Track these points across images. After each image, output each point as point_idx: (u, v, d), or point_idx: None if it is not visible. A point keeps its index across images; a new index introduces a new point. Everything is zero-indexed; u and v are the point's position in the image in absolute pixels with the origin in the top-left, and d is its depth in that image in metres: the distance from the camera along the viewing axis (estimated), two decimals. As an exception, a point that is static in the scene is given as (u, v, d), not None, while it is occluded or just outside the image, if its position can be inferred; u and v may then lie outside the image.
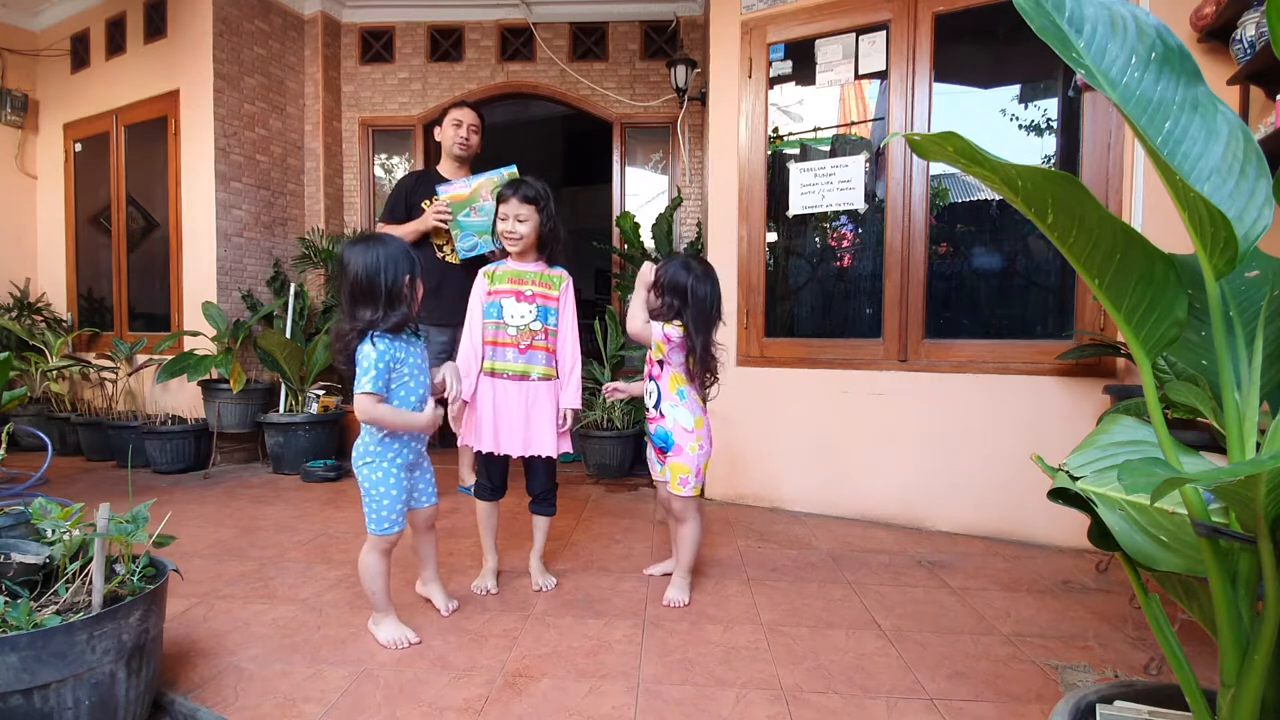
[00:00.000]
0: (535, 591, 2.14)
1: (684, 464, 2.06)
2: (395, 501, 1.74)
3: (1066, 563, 2.46)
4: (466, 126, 3.16)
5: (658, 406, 2.10)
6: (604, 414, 3.87)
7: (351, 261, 1.70)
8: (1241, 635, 0.82)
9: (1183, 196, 0.75)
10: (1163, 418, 0.87)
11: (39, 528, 1.44)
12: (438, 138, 3.24)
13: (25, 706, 1.14)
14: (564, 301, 2.14)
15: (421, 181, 3.18)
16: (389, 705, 1.47)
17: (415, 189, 3.15)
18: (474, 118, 3.20)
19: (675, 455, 2.08)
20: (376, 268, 1.69)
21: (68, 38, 4.88)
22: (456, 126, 3.15)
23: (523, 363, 2.07)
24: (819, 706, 1.49)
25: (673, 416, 2.08)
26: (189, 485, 3.59)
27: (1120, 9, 0.85)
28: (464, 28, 4.83)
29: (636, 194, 4.89)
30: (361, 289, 1.69)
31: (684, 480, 2.06)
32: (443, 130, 3.19)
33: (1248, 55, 2.08)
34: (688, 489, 2.06)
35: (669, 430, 2.08)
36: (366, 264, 1.69)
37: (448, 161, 3.22)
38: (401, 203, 3.12)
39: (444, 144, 3.20)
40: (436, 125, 3.25)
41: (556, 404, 2.11)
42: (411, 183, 3.19)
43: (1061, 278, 2.86)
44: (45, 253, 5.12)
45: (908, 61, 2.92)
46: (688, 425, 2.06)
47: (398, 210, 3.11)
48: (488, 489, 2.16)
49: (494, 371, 2.07)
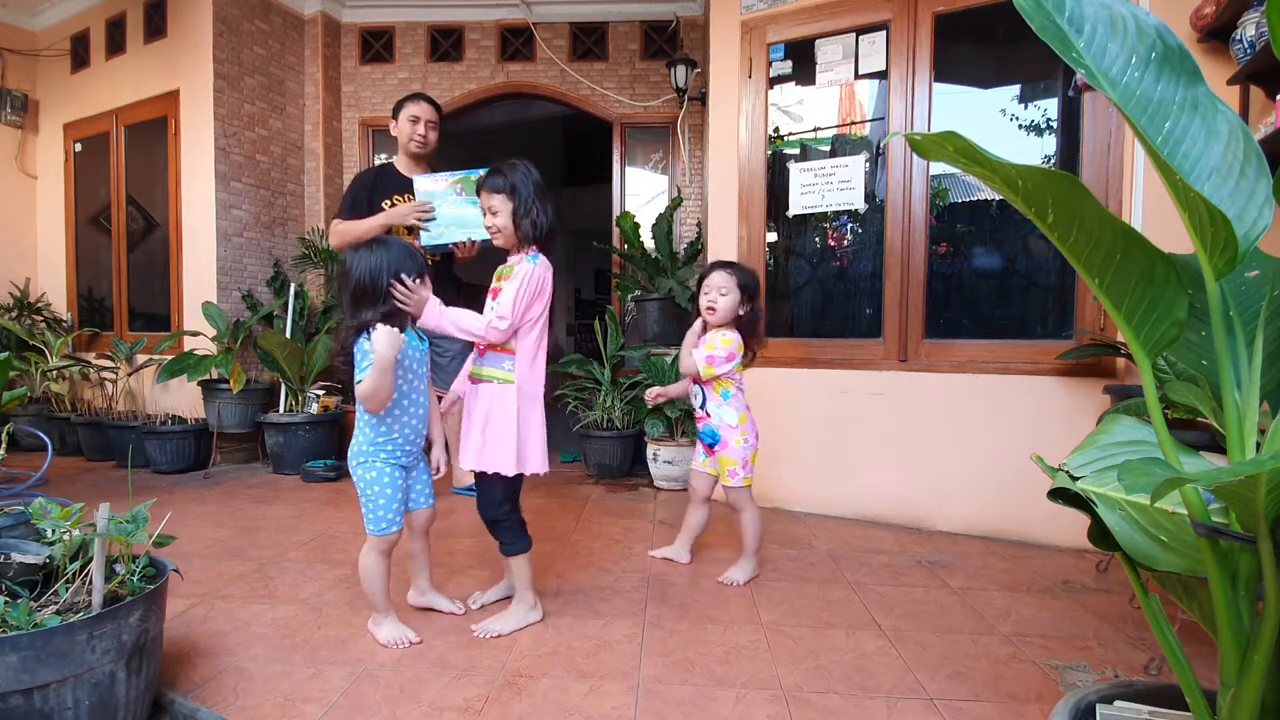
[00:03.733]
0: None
1: (731, 457, 2.24)
2: (391, 500, 1.74)
3: (1066, 563, 2.46)
4: (424, 123, 3.04)
5: (703, 406, 2.28)
6: (604, 414, 3.87)
7: (356, 264, 1.70)
8: (1241, 635, 0.82)
9: (1183, 196, 0.75)
10: (1163, 418, 0.87)
11: (39, 528, 1.44)
12: (393, 132, 3.10)
13: (25, 706, 1.14)
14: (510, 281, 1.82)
15: (382, 178, 3.07)
16: (389, 705, 1.47)
17: (376, 186, 3.04)
18: (432, 113, 3.06)
19: (722, 449, 2.25)
20: (379, 269, 1.69)
21: (68, 38, 4.88)
22: (413, 122, 3.02)
23: (480, 365, 1.87)
24: (819, 706, 1.49)
25: (718, 415, 2.25)
26: (189, 485, 3.59)
27: (1120, 9, 0.85)
28: (464, 28, 4.84)
29: (636, 194, 4.89)
30: (365, 290, 1.69)
31: (732, 472, 2.24)
32: (398, 125, 3.05)
33: (1248, 55, 2.08)
34: (736, 480, 2.23)
35: (715, 427, 2.26)
36: (371, 266, 1.69)
37: (404, 158, 3.10)
38: (364, 198, 3.00)
39: (400, 140, 3.06)
40: (392, 120, 3.11)
41: (517, 414, 1.81)
42: (372, 179, 3.08)
43: (1061, 278, 2.86)
44: (45, 253, 5.12)
45: (908, 61, 2.92)
46: (732, 421, 2.24)
47: (360, 206, 2.99)
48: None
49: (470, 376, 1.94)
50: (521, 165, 1.87)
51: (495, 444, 1.80)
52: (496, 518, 1.85)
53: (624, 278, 4.31)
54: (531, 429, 1.84)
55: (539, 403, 1.88)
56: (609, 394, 3.89)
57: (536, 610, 1.91)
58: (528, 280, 1.78)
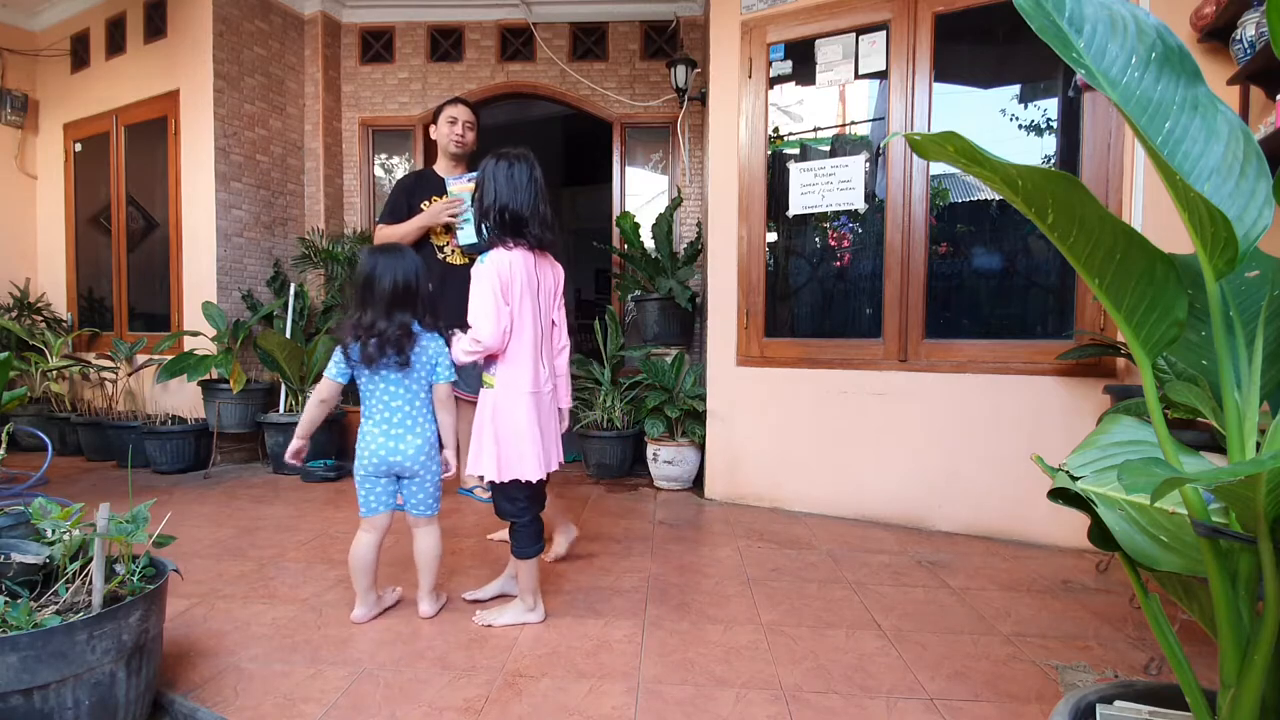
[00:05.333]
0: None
1: None
2: (365, 484, 1.86)
3: (1066, 563, 2.46)
4: (462, 124, 3.13)
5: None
6: (604, 414, 3.87)
7: (387, 269, 1.81)
8: (1241, 635, 0.82)
9: (1183, 196, 0.75)
10: (1163, 418, 0.87)
11: (39, 528, 1.44)
12: (432, 136, 3.20)
13: (25, 706, 1.14)
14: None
15: (420, 182, 3.16)
16: (389, 705, 1.47)
17: (416, 189, 3.13)
18: (469, 114, 3.16)
19: None
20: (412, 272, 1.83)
21: (68, 38, 4.88)
22: (451, 124, 3.12)
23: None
24: (819, 706, 1.49)
25: None
26: (189, 485, 3.59)
27: (1120, 9, 0.85)
28: (464, 28, 4.83)
29: (636, 194, 4.89)
30: (405, 292, 1.81)
31: None
32: (437, 128, 3.16)
33: (1248, 55, 2.08)
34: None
35: None
36: (406, 270, 1.82)
37: (444, 160, 3.19)
38: (403, 202, 3.10)
39: (439, 142, 3.16)
40: (431, 124, 3.22)
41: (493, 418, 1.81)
42: (411, 183, 3.17)
43: (1061, 278, 2.86)
44: (45, 253, 5.12)
45: (908, 61, 2.92)
46: None
47: (399, 210, 3.08)
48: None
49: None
50: (494, 159, 1.83)
51: (475, 451, 1.83)
52: (515, 520, 1.85)
53: (624, 278, 4.31)
54: (517, 431, 1.78)
55: (522, 401, 1.79)
56: (609, 394, 3.89)
57: (535, 612, 1.91)
58: (480, 285, 1.74)
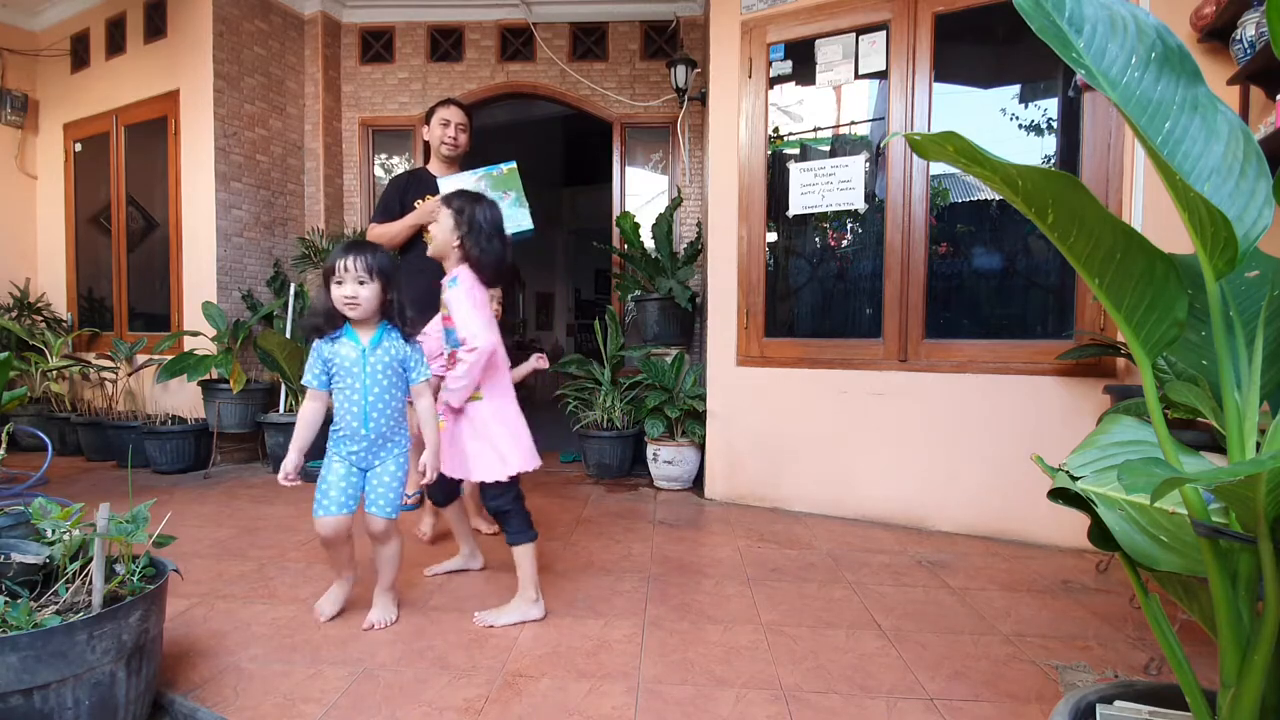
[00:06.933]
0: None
1: None
2: (324, 483, 1.82)
3: (1066, 563, 2.46)
4: (455, 125, 3.10)
5: None
6: (604, 414, 3.87)
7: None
8: (1241, 635, 0.82)
9: (1183, 196, 0.75)
10: (1163, 418, 0.87)
11: (39, 528, 1.44)
12: (425, 137, 3.19)
13: (25, 706, 1.14)
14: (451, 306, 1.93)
15: (414, 181, 3.15)
16: (389, 705, 1.47)
17: (408, 188, 3.12)
18: (462, 116, 3.14)
19: None
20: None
21: (68, 38, 4.88)
22: (444, 126, 3.10)
23: None
24: (819, 706, 1.49)
25: None
26: (189, 485, 3.59)
27: (1120, 9, 0.85)
28: (464, 28, 4.83)
29: (636, 194, 4.89)
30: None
31: None
32: (430, 129, 3.14)
33: (1248, 55, 2.08)
34: None
35: None
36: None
37: (436, 161, 3.18)
38: (396, 201, 3.09)
39: (432, 143, 3.14)
40: (424, 125, 3.21)
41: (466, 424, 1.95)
42: (404, 182, 3.16)
43: (1061, 278, 2.86)
44: (45, 253, 5.11)
45: (908, 61, 2.92)
46: None
47: (392, 208, 3.08)
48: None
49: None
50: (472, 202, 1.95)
51: (487, 458, 1.91)
52: (502, 508, 1.93)
53: (624, 278, 4.31)
54: (516, 430, 1.94)
55: (510, 403, 1.97)
56: (609, 394, 3.89)
57: (537, 607, 1.91)
58: (468, 301, 1.88)
